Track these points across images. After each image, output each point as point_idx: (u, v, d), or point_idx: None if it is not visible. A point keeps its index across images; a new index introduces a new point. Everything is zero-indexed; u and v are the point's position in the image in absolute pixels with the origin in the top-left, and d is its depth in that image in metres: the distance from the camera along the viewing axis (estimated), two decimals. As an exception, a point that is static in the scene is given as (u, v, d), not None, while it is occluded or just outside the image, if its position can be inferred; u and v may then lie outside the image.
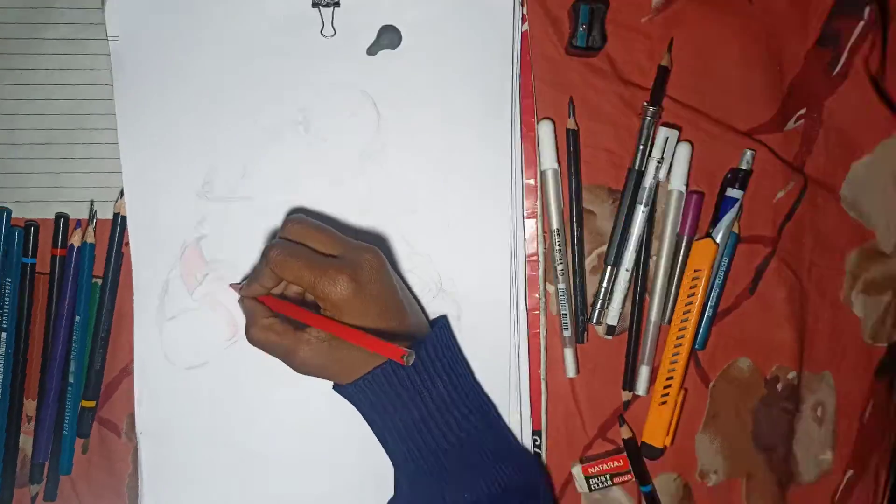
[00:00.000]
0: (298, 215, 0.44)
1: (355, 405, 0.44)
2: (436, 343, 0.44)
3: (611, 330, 0.50)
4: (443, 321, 0.47)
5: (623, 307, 0.49)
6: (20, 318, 0.48)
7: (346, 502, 0.49)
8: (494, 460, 0.43)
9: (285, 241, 0.43)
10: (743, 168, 0.49)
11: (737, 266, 0.50)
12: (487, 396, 0.47)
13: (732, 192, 0.49)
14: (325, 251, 0.42)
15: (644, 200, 0.48)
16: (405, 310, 0.44)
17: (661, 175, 0.48)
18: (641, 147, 0.48)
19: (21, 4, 0.47)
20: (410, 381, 0.42)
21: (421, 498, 0.43)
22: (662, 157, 0.48)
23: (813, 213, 0.50)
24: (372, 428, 0.44)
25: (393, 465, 0.45)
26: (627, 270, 0.49)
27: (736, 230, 0.49)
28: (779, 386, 0.50)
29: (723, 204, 0.49)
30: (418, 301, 0.48)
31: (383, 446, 0.45)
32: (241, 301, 0.45)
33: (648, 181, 0.48)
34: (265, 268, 0.42)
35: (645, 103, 0.48)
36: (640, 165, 0.49)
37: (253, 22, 0.48)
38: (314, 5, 0.48)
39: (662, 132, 0.48)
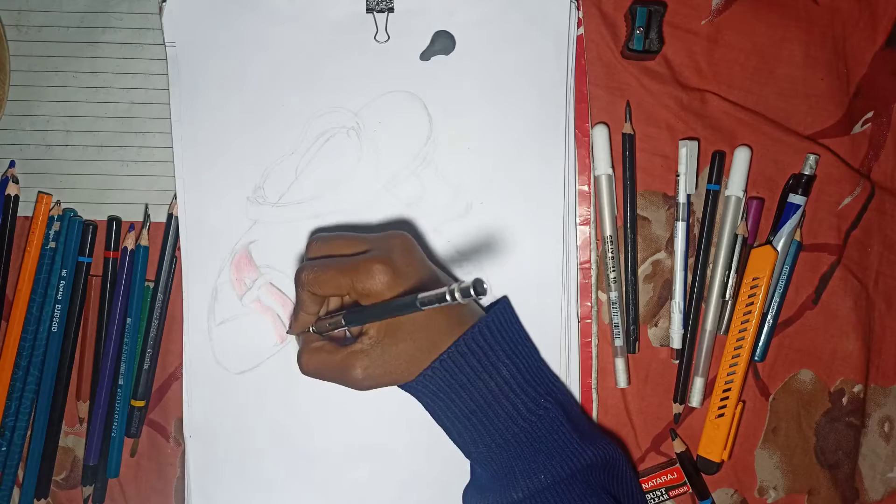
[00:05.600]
0: (317, 234, 0.46)
1: (419, 399, 0.44)
2: (497, 324, 0.44)
3: (678, 354, 0.51)
4: (504, 302, 0.48)
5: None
6: (71, 314, 0.51)
7: (393, 511, 0.51)
8: (570, 441, 0.44)
9: (311, 260, 0.44)
10: (806, 173, 0.50)
11: (799, 275, 0.51)
12: (556, 378, 0.48)
13: (795, 199, 0.50)
14: (352, 253, 0.43)
15: (680, 216, 0.50)
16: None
17: (690, 189, 0.50)
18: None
19: (79, 9, 0.51)
20: (471, 368, 0.42)
21: (496, 482, 0.44)
22: (686, 171, 0.50)
23: (881, 221, 0.51)
24: (435, 420, 0.45)
25: (463, 453, 0.46)
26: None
27: (798, 238, 0.50)
28: (844, 399, 0.51)
29: (784, 210, 0.50)
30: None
31: (449, 436, 0.45)
32: (297, 336, 0.45)
33: (679, 197, 0.50)
34: (302, 293, 0.43)
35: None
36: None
37: (307, 27, 0.50)
38: (368, 10, 0.50)
39: (681, 145, 0.50)
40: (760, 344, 0.50)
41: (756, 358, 0.51)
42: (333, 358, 0.43)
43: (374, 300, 0.41)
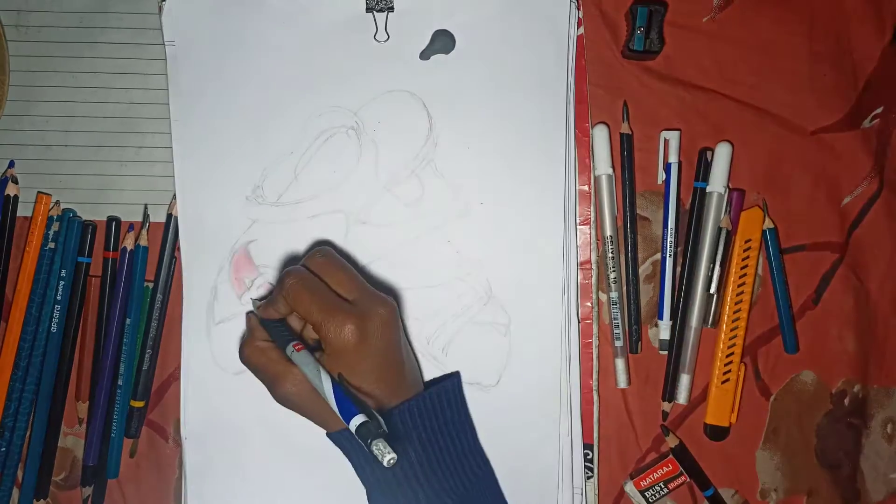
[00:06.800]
0: (325, 248, 0.46)
1: (345, 452, 0.44)
2: (412, 412, 0.43)
3: (664, 344, 0.51)
4: (451, 381, 0.47)
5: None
6: (70, 314, 0.51)
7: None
8: None
9: (304, 270, 0.44)
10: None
11: (800, 274, 0.51)
12: (478, 472, 0.46)
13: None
14: (341, 292, 0.43)
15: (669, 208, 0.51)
16: (403, 371, 0.44)
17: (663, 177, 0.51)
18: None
19: (78, 9, 0.51)
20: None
21: None
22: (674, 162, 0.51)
23: (889, 220, 0.51)
24: (360, 478, 0.45)
25: None
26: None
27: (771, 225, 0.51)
28: (845, 401, 0.51)
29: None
30: (417, 359, 0.50)
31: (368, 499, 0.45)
32: (248, 315, 0.47)
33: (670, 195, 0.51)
34: (279, 294, 0.44)
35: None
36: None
37: (307, 27, 0.51)
38: (368, 10, 0.51)
39: (663, 136, 0.51)
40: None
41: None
42: (272, 366, 0.43)
43: (331, 350, 0.42)
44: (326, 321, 0.42)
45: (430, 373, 0.51)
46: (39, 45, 0.51)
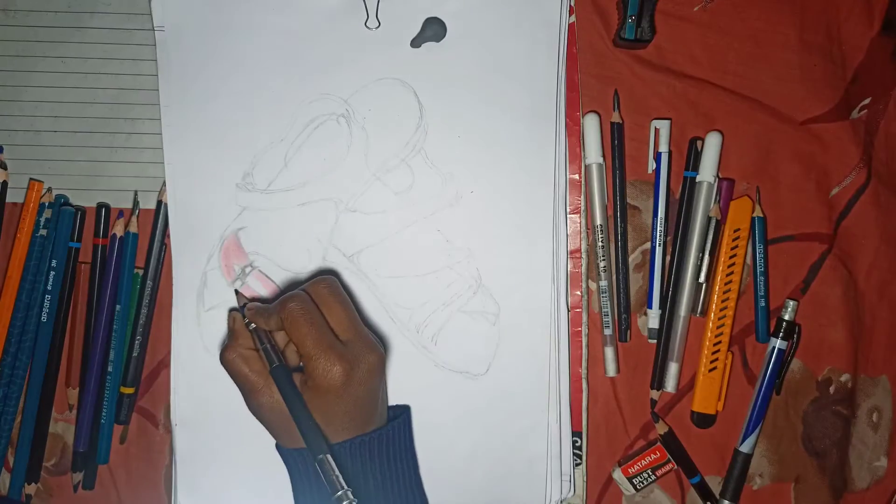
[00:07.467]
0: (331, 278, 0.46)
1: (289, 468, 0.45)
2: (363, 447, 0.44)
3: (653, 333, 0.52)
4: (385, 430, 0.45)
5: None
6: (60, 301, 0.51)
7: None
8: None
9: (308, 299, 0.44)
10: (785, 319, 0.51)
11: (788, 264, 0.52)
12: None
13: (778, 343, 0.51)
14: (336, 327, 0.44)
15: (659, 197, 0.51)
16: (372, 416, 0.45)
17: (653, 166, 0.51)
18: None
19: (67, -6, 0.51)
20: (344, 470, 0.42)
21: None
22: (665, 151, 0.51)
23: (876, 210, 0.51)
24: (294, 495, 0.45)
25: None
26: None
27: (761, 214, 0.51)
28: (831, 388, 0.52)
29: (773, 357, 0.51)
30: (387, 397, 0.49)
31: None
32: (231, 314, 0.46)
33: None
34: (277, 314, 0.44)
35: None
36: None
37: (298, 13, 0.51)
38: (359, -4, 0.51)
39: (653, 125, 0.51)
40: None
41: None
42: (252, 377, 0.44)
43: (313, 384, 0.42)
44: (317, 356, 0.42)
45: (420, 363, 0.51)
46: (27, 30, 0.51)
